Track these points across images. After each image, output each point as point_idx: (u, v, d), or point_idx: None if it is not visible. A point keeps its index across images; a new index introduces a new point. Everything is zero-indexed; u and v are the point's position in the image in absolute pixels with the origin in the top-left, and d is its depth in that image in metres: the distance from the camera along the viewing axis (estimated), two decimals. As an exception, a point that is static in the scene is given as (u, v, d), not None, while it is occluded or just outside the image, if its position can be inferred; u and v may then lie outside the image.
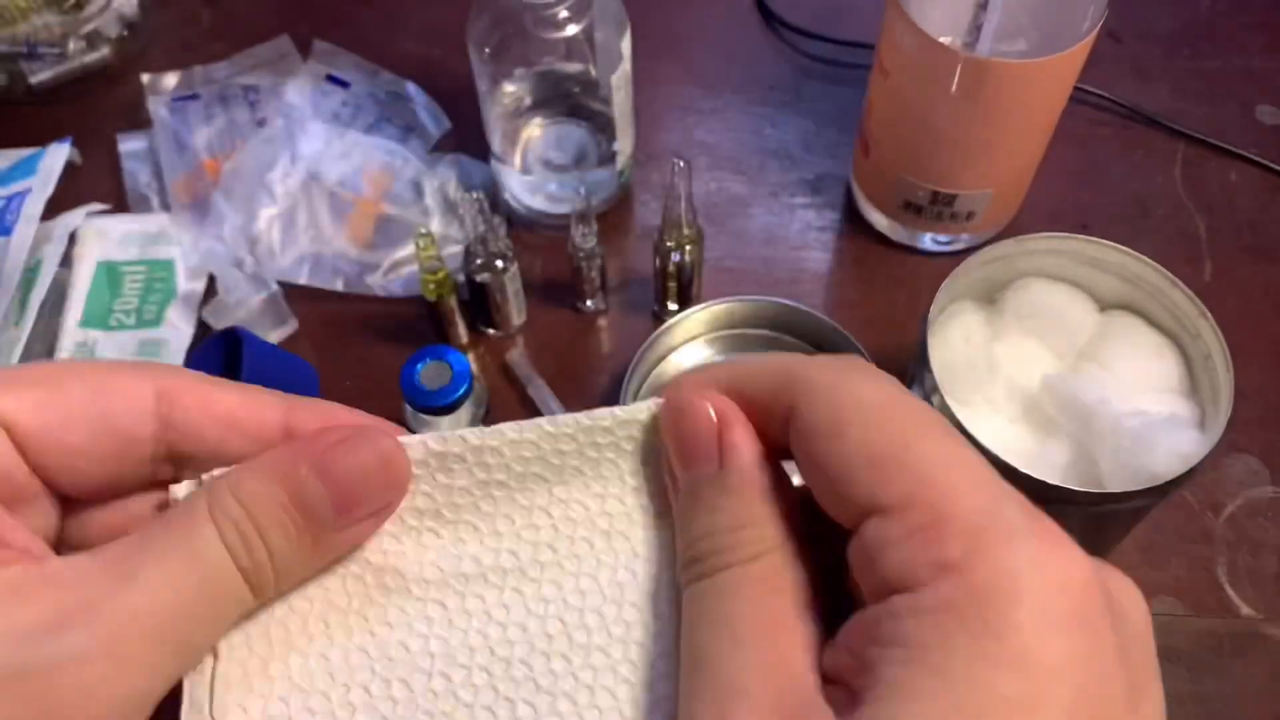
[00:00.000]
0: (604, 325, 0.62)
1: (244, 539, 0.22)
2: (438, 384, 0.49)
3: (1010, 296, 0.52)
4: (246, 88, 0.69)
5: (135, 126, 0.69)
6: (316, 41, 0.72)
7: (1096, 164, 0.68)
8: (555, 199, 0.64)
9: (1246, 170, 0.68)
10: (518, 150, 0.64)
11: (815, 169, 0.68)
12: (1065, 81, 0.54)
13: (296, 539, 0.23)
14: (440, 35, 0.74)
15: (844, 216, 0.66)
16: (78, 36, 0.71)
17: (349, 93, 0.70)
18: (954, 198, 0.59)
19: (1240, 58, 0.74)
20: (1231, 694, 0.49)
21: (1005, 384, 0.50)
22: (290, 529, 0.23)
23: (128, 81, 0.72)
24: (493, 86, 0.60)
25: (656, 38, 0.73)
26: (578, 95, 0.63)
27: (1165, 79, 0.72)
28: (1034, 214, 0.65)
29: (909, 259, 0.64)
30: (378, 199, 0.64)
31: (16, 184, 0.62)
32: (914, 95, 0.55)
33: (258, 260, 0.61)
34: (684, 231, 0.55)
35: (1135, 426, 0.44)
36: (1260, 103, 0.71)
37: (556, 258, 0.64)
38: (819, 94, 0.72)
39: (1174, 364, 0.49)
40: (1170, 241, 0.65)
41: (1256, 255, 0.64)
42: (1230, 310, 0.61)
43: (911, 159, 0.58)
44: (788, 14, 0.75)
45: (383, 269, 0.62)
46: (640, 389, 0.57)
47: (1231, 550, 0.53)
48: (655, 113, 0.71)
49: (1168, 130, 0.69)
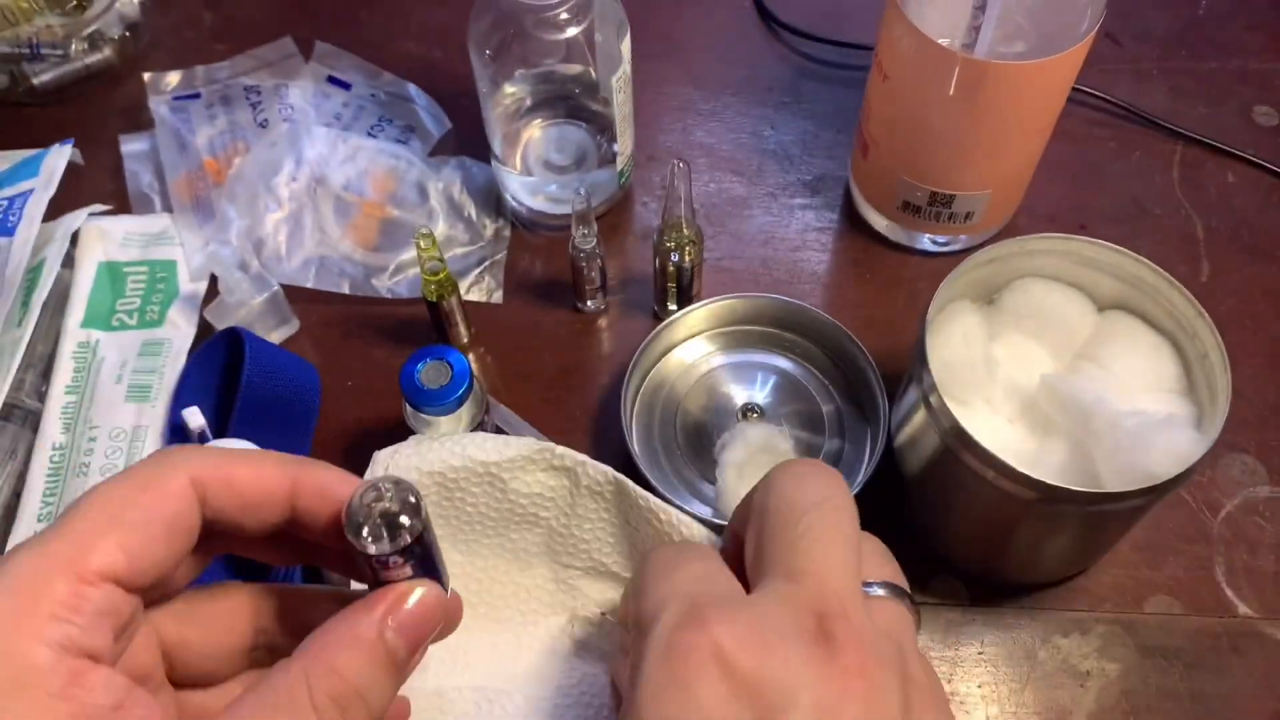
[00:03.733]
0: (604, 325, 0.62)
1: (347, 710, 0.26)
2: (438, 384, 0.49)
3: (1008, 297, 0.52)
4: (248, 88, 0.69)
5: (137, 127, 0.69)
6: (318, 43, 0.72)
7: (1094, 165, 0.69)
8: (555, 200, 0.64)
9: (1244, 171, 0.68)
10: (518, 151, 0.64)
11: (814, 170, 0.68)
12: (1063, 83, 0.54)
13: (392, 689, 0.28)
14: (441, 37, 0.75)
15: (843, 217, 0.66)
16: (80, 38, 0.71)
17: (350, 94, 0.70)
18: (952, 198, 0.59)
19: (1238, 59, 0.74)
20: (1229, 693, 0.49)
21: (1003, 384, 0.50)
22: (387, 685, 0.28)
23: (130, 83, 0.72)
24: (493, 88, 0.60)
25: (656, 39, 0.74)
26: (578, 97, 0.63)
27: (1163, 80, 0.73)
28: (1032, 214, 0.65)
29: (907, 259, 0.64)
30: (382, 202, 0.65)
31: (19, 185, 0.62)
32: (912, 96, 0.55)
33: (264, 264, 0.61)
34: (683, 232, 0.55)
35: (1133, 426, 0.45)
36: (1258, 104, 0.71)
37: (556, 258, 0.64)
38: (818, 95, 0.72)
39: (1171, 364, 0.49)
40: (1168, 242, 0.65)
41: (1254, 255, 0.64)
42: (1228, 310, 0.61)
43: (910, 160, 0.58)
44: (787, 16, 0.76)
45: (388, 271, 0.62)
46: (640, 387, 0.58)
47: (1229, 549, 0.53)
48: (655, 114, 0.71)
49: (1166, 131, 0.70)
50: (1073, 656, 0.51)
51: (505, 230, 0.65)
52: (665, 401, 0.58)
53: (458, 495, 0.46)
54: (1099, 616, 0.52)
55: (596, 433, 0.57)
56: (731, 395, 0.57)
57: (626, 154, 0.63)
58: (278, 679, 0.26)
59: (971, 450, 0.44)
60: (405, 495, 0.28)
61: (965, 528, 0.50)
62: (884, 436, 0.53)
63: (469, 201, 0.65)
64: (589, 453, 0.46)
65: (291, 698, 0.26)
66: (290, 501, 0.29)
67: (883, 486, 0.52)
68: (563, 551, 0.48)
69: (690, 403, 0.57)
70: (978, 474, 0.45)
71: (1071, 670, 0.50)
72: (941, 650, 0.51)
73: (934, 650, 0.51)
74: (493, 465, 0.45)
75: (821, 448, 0.56)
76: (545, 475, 0.46)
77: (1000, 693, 0.50)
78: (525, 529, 0.47)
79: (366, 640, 0.27)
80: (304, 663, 0.26)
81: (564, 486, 0.46)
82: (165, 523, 0.27)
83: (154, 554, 0.27)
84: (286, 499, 0.29)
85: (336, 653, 0.27)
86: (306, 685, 0.26)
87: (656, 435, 0.56)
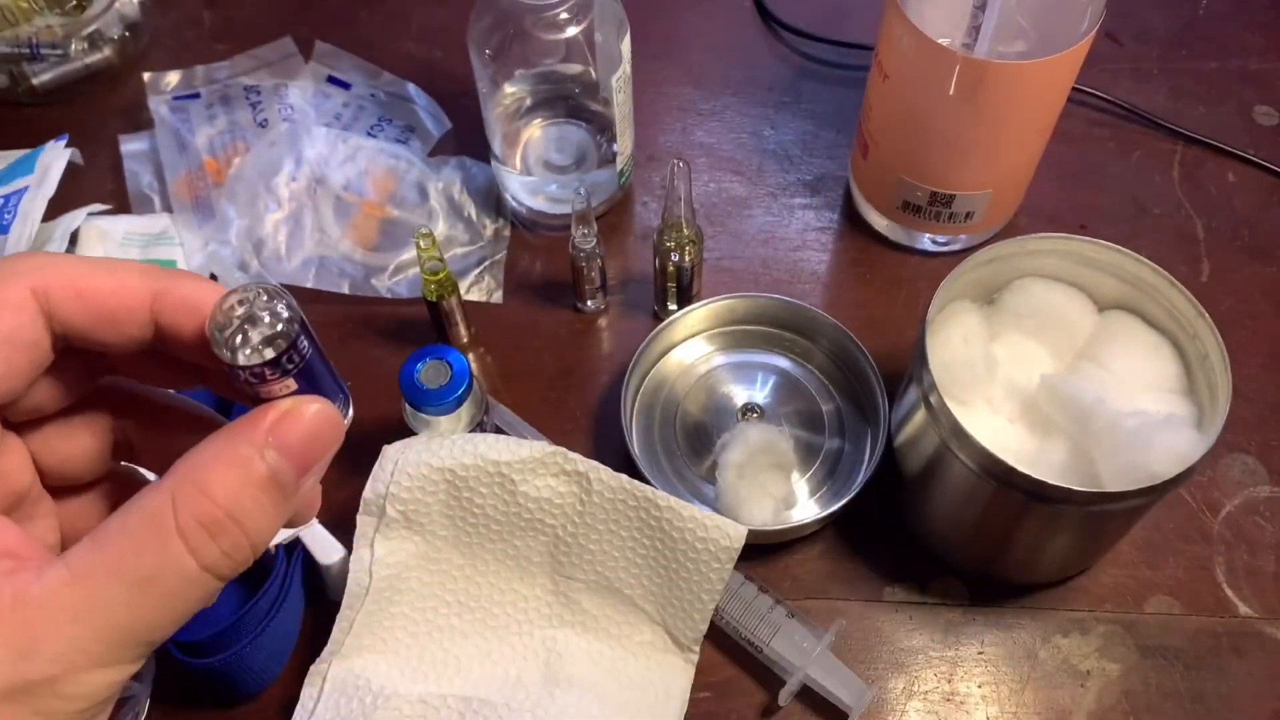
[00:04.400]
0: (604, 325, 0.62)
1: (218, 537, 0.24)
2: (437, 384, 0.49)
3: (1009, 296, 0.52)
4: (248, 88, 0.69)
5: (137, 127, 0.69)
6: (318, 42, 0.72)
7: (1095, 164, 0.68)
8: (555, 200, 0.64)
9: (1244, 171, 0.68)
10: (518, 151, 0.64)
11: (814, 170, 0.68)
12: (1063, 82, 0.54)
13: (274, 515, 0.25)
14: (441, 36, 0.75)
15: (843, 217, 0.66)
16: (80, 38, 0.71)
17: (350, 93, 0.70)
18: (952, 198, 0.59)
19: (1238, 59, 0.74)
20: (1229, 693, 0.49)
21: (1003, 384, 0.50)
22: (269, 510, 0.25)
23: (129, 83, 0.72)
24: (493, 88, 0.60)
25: (656, 39, 0.74)
26: (578, 96, 0.63)
27: (1163, 80, 0.73)
28: (1032, 214, 0.65)
29: (908, 259, 0.64)
30: (382, 202, 0.65)
31: (14, 183, 0.62)
32: (913, 96, 0.55)
33: (264, 264, 0.61)
34: (683, 232, 0.55)
35: (1133, 426, 0.45)
36: (1258, 103, 0.71)
37: (556, 258, 0.64)
38: (818, 95, 0.72)
39: (1172, 364, 0.49)
40: (1168, 242, 0.65)
41: (1254, 255, 0.64)
42: (1228, 310, 0.61)
43: (910, 160, 0.58)
44: (787, 16, 0.75)
45: (388, 271, 0.62)
46: (640, 387, 0.57)
47: (1229, 549, 0.53)
48: (655, 114, 0.71)
49: (1166, 131, 0.70)
50: (1073, 656, 0.51)
51: (505, 230, 0.65)
52: (665, 401, 0.58)
53: (465, 495, 0.46)
54: (1099, 616, 0.52)
55: (596, 433, 0.57)
56: (731, 395, 0.57)
57: (626, 154, 0.63)
58: (145, 500, 0.24)
59: (971, 450, 0.44)
60: (274, 302, 0.25)
61: (965, 528, 0.50)
62: (884, 436, 0.53)
63: (469, 201, 0.65)
64: (588, 453, 0.46)
65: (156, 521, 0.23)
66: (153, 316, 0.26)
67: (883, 486, 0.52)
68: (567, 562, 0.47)
69: (690, 403, 0.57)
70: (978, 474, 0.45)
71: (1072, 670, 0.50)
72: (941, 650, 0.51)
73: (934, 650, 0.51)
74: (504, 465, 0.45)
75: (822, 448, 0.56)
76: (556, 480, 0.46)
77: (1000, 693, 0.50)
78: (530, 535, 0.47)
79: (241, 459, 0.24)
80: (172, 482, 0.24)
81: (574, 494, 0.46)
82: (3, 337, 0.24)
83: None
84: (148, 312, 0.26)
85: (207, 473, 0.24)
86: (172, 507, 0.23)
87: (656, 435, 0.56)
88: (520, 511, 0.46)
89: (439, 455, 0.45)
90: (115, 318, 0.26)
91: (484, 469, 0.45)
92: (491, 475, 0.45)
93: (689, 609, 0.48)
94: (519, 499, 0.46)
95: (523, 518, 0.46)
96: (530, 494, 0.46)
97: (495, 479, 0.45)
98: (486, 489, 0.45)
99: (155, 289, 0.26)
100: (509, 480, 0.45)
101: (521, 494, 0.45)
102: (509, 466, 0.45)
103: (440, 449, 0.45)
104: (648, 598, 0.48)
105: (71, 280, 0.25)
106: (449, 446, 0.45)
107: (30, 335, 0.25)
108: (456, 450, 0.45)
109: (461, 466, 0.45)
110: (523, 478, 0.45)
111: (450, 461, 0.45)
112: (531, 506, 0.46)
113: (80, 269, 0.26)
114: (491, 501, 0.46)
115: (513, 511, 0.46)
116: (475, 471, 0.45)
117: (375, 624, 0.47)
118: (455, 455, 0.45)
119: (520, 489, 0.45)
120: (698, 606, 0.47)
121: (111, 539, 0.23)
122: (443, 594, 0.48)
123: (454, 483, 0.45)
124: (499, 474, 0.45)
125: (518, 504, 0.46)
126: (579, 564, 0.47)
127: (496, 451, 0.45)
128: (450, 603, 0.48)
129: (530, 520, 0.46)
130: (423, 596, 0.47)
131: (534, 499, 0.46)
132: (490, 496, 0.46)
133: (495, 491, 0.45)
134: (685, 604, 0.48)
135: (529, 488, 0.45)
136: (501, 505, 0.46)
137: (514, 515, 0.46)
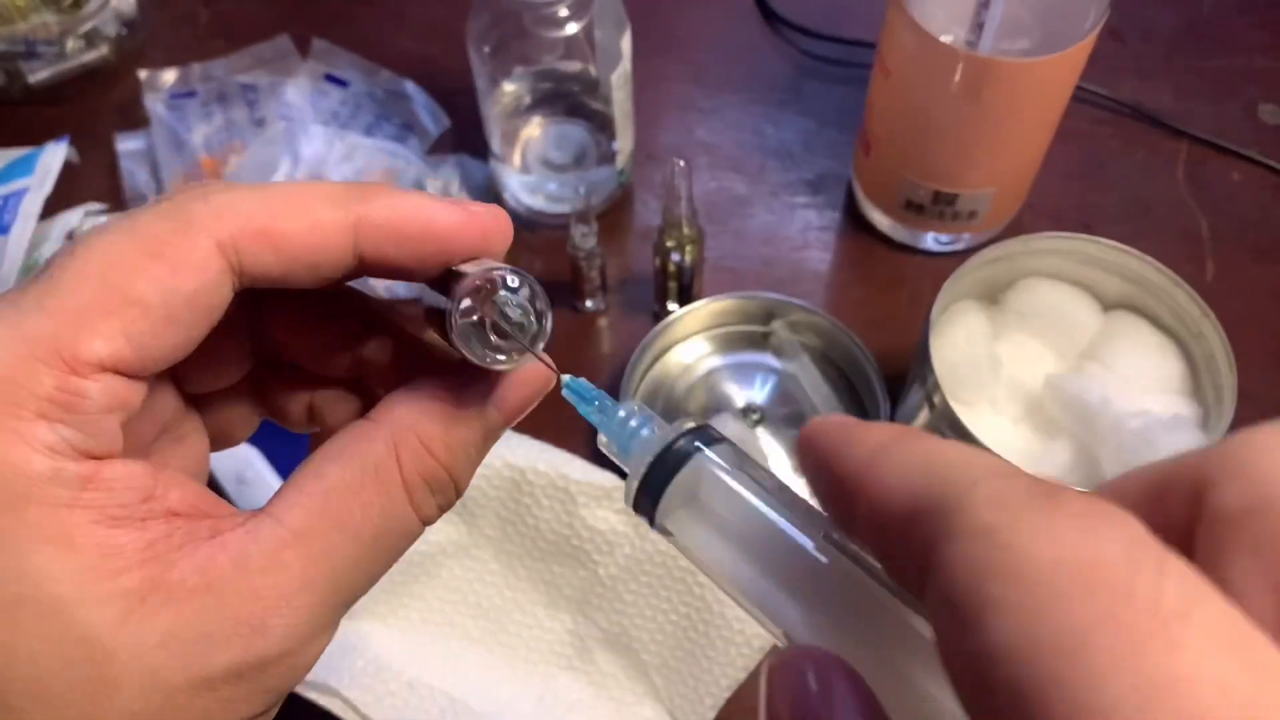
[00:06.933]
0: (604, 325, 0.61)
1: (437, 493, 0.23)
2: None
3: (1013, 296, 0.52)
4: (245, 86, 0.69)
5: (133, 126, 0.69)
6: (315, 40, 0.72)
7: (1099, 163, 0.68)
8: (555, 199, 0.63)
9: (1249, 170, 0.68)
10: (517, 149, 0.64)
11: (816, 168, 0.68)
12: (1067, 80, 0.53)
13: (478, 465, 0.25)
14: (439, 34, 0.74)
15: (845, 216, 0.66)
16: (76, 35, 0.71)
17: (348, 91, 0.70)
18: (956, 197, 0.59)
19: (1243, 57, 0.73)
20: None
21: (1008, 384, 0.50)
22: (477, 465, 0.25)
23: (126, 81, 0.72)
24: (492, 85, 0.60)
25: (656, 36, 0.73)
26: (577, 94, 0.63)
27: (1168, 78, 0.72)
28: (1036, 213, 0.65)
29: (911, 259, 0.64)
30: (379, 199, 0.64)
31: (14, 183, 0.62)
32: (916, 94, 0.54)
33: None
34: (684, 231, 0.55)
35: (1138, 427, 0.44)
36: (1263, 102, 0.71)
37: (556, 258, 0.63)
38: (820, 93, 0.72)
39: (1177, 364, 0.49)
40: (1173, 241, 0.64)
41: (1259, 255, 0.64)
42: (1233, 310, 0.61)
43: (913, 158, 0.58)
44: (789, 13, 0.75)
45: (384, 270, 0.62)
46: (640, 385, 0.57)
47: (1235, 552, 0.53)
48: (655, 112, 0.71)
49: (1170, 130, 0.69)
50: (1077, 660, 0.50)
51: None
52: (665, 401, 0.57)
53: (526, 500, 0.45)
54: (1104, 619, 0.51)
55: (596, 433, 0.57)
56: (731, 395, 0.57)
57: (626, 152, 0.63)
58: (363, 451, 0.22)
59: (975, 452, 0.43)
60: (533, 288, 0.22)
61: (969, 530, 0.49)
62: (886, 437, 0.53)
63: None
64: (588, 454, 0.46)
65: (381, 476, 0.22)
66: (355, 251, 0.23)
67: (885, 488, 0.52)
68: (596, 608, 0.47)
69: (690, 403, 0.57)
70: (982, 476, 0.44)
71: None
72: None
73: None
74: (573, 484, 0.44)
75: (823, 449, 0.55)
76: (616, 517, 0.45)
77: (1004, 696, 0.49)
78: (571, 566, 0.46)
79: (465, 417, 0.23)
80: (391, 433, 0.22)
81: (628, 537, 0.45)
82: (185, 301, 0.21)
83: (169, 339, 0.21)
84: (349, 251, 0.23)
85: (429, 429, 0.23)
86: (397, 461, 0.22)
87: (657, 436, 0.56)
88: (571, 536, 0.45)
89: (517, 452, 0.45)
90: (313, 262, 0.22)
91: (554, 480, 0.44)
92: (559, 490, 0.45)
93: (701, 691, 0.46)
94: (574, 523, 0.45)
95: (571, 543, 0.45)
96: (587, 520, 0.45)
97: (560, 495, 0.45)
98: (548, 500, 0.45)
99: (352, 221, 0.22)
100: (573, 499, 0.45)
101: (579, 518, 0.45)
102: (577, 485, 0.44)
103: (519, 446, 0.45)
104: (662, 669, 0.47)
105: (263, 228, 0.22)
106: (528, 445, 0.45)
107: (216, 300, 0.21)
108: (534, 453, 0.45)
109: (534, 471, 0.44)
110: (586, 502, 0.45)
111: (525, 462, 0.44)
112: (584, 534, 0.45)
113: (268, 210, 0.22)
114: (548, 516, 0.45)
115: (564, 534, 0.45)
116: (543, 479, 0.44)
117: (393, 595, 0.46)
118: (531, 458, 0.44)
119: (580, 512, 0.45)
120: (712, 690, 0.46)
121: (334, 494, 0.22)
122: (467, 593, 0.47)
123: (519, 483, 0.45)
124: (565, 491, 0.45)
125: (571, 527, 0.45)
126: (607, 611, 0.47)
127: (571, 468, 0.45)
128: (472, 604, 0.47)
129: (577, 549, 0.46)
130: (449, 588, 0.47)
131: (589, 527, 0.45)
132: (549, 510, 0.45)
133: (555, 507, 0.45)
134: (700, 684, 0.46)
135: (589, 514, 0.45)
136: (556, 523, 0.45)
137: (564, 539, 0.45)
